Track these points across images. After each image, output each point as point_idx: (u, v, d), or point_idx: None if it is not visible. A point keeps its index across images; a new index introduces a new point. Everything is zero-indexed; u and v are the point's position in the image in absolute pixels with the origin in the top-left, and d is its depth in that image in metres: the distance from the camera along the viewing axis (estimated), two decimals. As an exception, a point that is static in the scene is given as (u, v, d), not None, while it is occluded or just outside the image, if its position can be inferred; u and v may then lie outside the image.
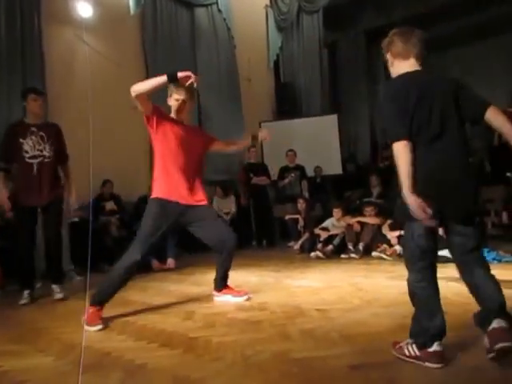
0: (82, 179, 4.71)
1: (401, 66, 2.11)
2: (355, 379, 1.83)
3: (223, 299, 3.48)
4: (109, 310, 3.29)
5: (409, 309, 2.77)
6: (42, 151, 3.88)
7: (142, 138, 7.50)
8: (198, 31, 8.49)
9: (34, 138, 3.86)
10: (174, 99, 3.23)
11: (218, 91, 8.59)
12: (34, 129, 3.88)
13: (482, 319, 1.93)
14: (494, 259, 4.45)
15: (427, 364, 1.89)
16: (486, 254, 4.50)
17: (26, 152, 3.82)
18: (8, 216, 4.08)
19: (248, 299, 3.45)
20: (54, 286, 3.99)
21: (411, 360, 1.93)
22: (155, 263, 5.28)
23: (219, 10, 8.81)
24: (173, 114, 3.28)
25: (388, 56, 2.19)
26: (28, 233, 3.89)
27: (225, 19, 8.90)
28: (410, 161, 1.86)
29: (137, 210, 6.23)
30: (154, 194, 3.16)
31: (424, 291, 1.96)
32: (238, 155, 8.01)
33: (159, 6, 7.85)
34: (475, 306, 2.08)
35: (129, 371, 2.06)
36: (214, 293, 3.56)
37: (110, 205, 6.26)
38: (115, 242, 5.97)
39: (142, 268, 5.22)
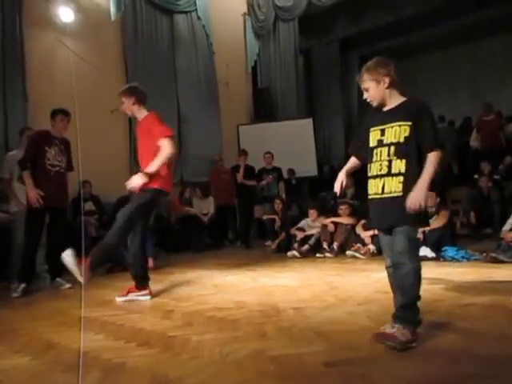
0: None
1: (398, 92, 2.41)
2: (331, 376, 1.86)
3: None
4: (86, 310, 3.28)
5: (382, 306, 2.88)
6: (60, 162, 4.46)
7: (122, 140, 7.53)
8: (177, 37, 8.62)
9: (56, 149, 4.43)
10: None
11: (197, 95, 8.76)
12: (57, 141, 4.46)
13: None
14: (463, 257, 4.61)
15: (414, 344, 2.12)
16: (455, 253, 4.71)
17: (48, 159, 4.35)
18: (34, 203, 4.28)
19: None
20: (59, 279, 4.41)
21: (407, 345, 2.09)
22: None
23: (198, 17, 8.96)
24: None
25: (386, 80, 2.35)
26: (38, 232, 4.31)
27: (204, 26, 9.06)
28: None
29: (116, 211, 6.21)
30: None
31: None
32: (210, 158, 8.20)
33: (139, 13, 7.94)
34: (445, 303, 2.17)
35: (107, 371, 2.06)
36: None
37: (88, 205, 6.24)
38: (93, 242, 5.92)
39: (121, 267, 5.25)
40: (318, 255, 5.69)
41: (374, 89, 2.39)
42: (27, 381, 2.04)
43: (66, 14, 6.46)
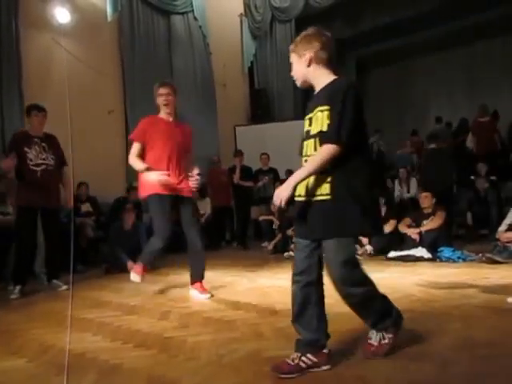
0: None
1: (327, 72, 2.00)
2: (327, 377, 1.87)
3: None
4: (84, 312, 3.28)
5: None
6: (44, 160, 4.26)
7: (118, 141, 7.50)
8: (174, 38, 8.60)
9: (37, 148, 4.24)
10: (159, 95, 3.65)
11: (194, 96, 8.76)
12: (37, 140, 4.27)
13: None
14: (459, 258, 4.63)
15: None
16: (451, 254, 4.73)
17: (31, 160, 4.18)
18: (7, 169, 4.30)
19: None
20: (56, 281, 4.38)
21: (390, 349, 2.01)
22: (130, 264, 5.23)
23: (195, 18, 8.93)
24: (161, 111, 3.70)
25: (307, 57, 1.99)
26: (30, 232, 4.21)
27: (200, 27, 9.04)
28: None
29: (113, 212, 6.22)
30: None
31: None
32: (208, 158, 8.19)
33: (136, 13, 7.92)
34: (441, 304, 2.17)
35: (103, 372, 2.07)
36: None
37: (85, 206, 6.21)
38: (90, 243, 5.93)
39: (117, 269, 5.24)
40: (314, 256, 5.69)
41: (295, 64, 2.04)
42: (23, 382, 2.04)
43: (62, 15, 6.42)
